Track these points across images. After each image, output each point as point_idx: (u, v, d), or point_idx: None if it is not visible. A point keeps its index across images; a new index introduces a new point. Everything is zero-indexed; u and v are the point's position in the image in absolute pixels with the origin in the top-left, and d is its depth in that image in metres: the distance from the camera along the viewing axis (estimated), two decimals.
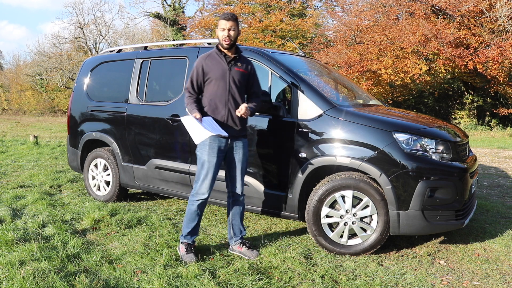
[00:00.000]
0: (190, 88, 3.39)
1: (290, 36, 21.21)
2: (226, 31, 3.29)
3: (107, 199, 5.17)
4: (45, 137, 13.75)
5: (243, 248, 3.49)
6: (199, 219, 3.46)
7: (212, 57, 3.39)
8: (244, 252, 3.47)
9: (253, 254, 3.44)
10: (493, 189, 6.21)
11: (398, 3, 16.29)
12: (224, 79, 3.35)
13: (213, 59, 3.39)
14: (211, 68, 3.35)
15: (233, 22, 3.31)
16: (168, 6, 29.98)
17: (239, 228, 3.56)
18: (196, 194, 3.39)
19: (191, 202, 3.43)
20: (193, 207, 3.41)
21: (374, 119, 3.54)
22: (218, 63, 3.37)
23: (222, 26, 3.31)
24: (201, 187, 3.36)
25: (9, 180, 6.48)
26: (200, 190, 3.37)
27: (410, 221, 3.35)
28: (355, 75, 16.19)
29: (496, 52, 13.83)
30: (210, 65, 3.36)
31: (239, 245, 3.52)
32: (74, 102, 5.56)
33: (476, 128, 16.74)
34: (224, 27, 3.30)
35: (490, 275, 3.20)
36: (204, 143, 3.33)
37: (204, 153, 3.34)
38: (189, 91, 3.40)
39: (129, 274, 3.03)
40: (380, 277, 3.11)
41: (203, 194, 3.36)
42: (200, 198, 3.38)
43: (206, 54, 3.44)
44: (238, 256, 3.46)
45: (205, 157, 3.34)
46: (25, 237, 3.72)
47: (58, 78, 33.86)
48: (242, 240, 3.55)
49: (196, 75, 3.38)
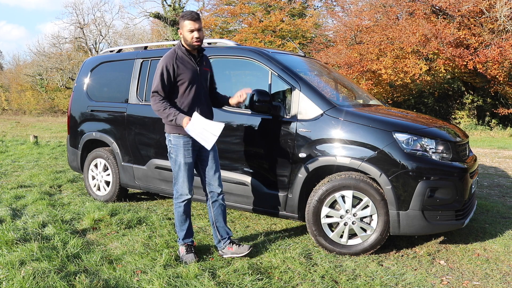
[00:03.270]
0: (161, 90, 3.22)
1: (290, 36, 21.21)
2: (195, 32, 3.22)
3: (107, 199, 5.17)
4: (45, 137, 13.75)
5: (233, 247, 3.41)
6: (189, 219, 3.45)
7: (181, 57, 3.27)
8: (236, 251, 3.39)
9: (245, 249, 3.38)
10: (493, 189, 6.21)
11: (398, 3, 16.29)
12: (195, 81, 3.30)
13: (182, 59, 3.27)
14: (182, 69, 3.24)
15: (200, 21, 3.25)
16: (168, 6, 29.97)
17: (225, 229, 3.47)
18: (180, 196, 3.37)
19: (177, 205, 3.40)
20: (180, 209, 3.39)
21: (374, 119, 3.54)
22: (188, 64, 3.28)
23: (191, 27, 3.21)
24: (183, 188, 3.34)
25: (9, 180, 6.48)
26: (183, 191, 3.35)
27: (410, 221, 3.35)
28: (355, 75, 16.19)
29: (496, 52, 13.83)
30: (181, 66, 3.24)
31: (228, 245, 3.43)
32: (74, 102, 5.56)
33: (476, 128, 16.73)
34: (192, 28, 3.21)
35: (490, 275, 3.20)
36: (179, 146, 3.30)
37: (180, 155, 3.31)
38: (159, 93, 3.22)
39: (129, 274, 3.03)
40: (380, 277, 3.11)
41: (186, 194, 3.36)
42: (184, 198, 3.36)
43: (172, 55, 3.27)
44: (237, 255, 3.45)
45: (181, 160, 3.31)
46: (25, 237, 3.72)
47: (58, 78, 33.86)
48: (230, 240, 3.46)
49: (167, 76, 3.22)
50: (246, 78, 4.77)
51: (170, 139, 3.36)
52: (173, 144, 3.34)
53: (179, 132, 3.29)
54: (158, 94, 3.24)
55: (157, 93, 3.23)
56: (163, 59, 3.27)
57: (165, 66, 3.23)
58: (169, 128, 3.35)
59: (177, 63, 3.24)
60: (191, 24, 3.22)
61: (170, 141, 3.36)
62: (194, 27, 3.22)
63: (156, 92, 3.23)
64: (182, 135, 3.29)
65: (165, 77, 3.22)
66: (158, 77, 3.23)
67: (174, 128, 3.30)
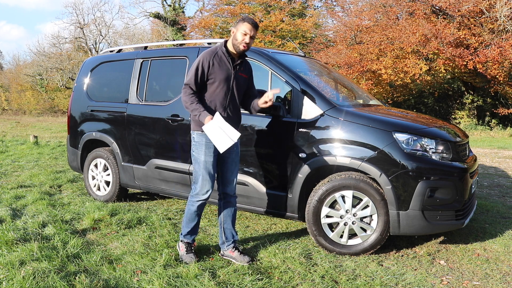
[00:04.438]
0: (193, 84, 3.22)
1: (290, 36, 21.21)
2: (248, 36, 3.20)
3: (107, 199, 5.17)
4: (45, 137, 13.75)
5: (235, 252, 3.38)
6: (198, 219, 3.43)
7: (219, 57, 3.26)
8: (236, 257, 3.35)
9: (244, 259, 3.31)
10: (493, 189, 6.21)
11: (398, 3, 16.29)
12: (227, 83, 3.27)
13: (220, 59, 3.25)
14: (217, 69, 3.23)
15: (256, 30, 3.24)
16: (168, 6, 29.98)
17: (231, 232, 3.45)
18: (197, 195, 3.33)
19: (191, 202, 3.37)
20: (193, 208, 3.36)
21: (374, 119, 3.54)
22: (224, 65, 3.26)
23: (246, 31, 3.19)
24: (202, 188, 3.30)
25: (9, 180, 6.48)
26: (201, 191, 3.31)
27: (410, 221, 3.35)
28: (355, 75, 16.19)
29: (496, 52, 13.84)
30: (217, 66, 3.23)
31: (231, 249, 3.40)
32: (74, 102, 5.56)
33: (476, 128, 16.74)
34: (248, 32, 3.19)
35: (490, 275, 3.20)
36: (201, 143, 3.28)
37: (201, 153, 3.29)
38: (191, 87, 3.22)
39: (129, 274, 3.03)
40: (380, 277, 3.11)
41: (203, 195, 3.31)
42: (200, 199, 3.33)
43: (212, 52, 3.27)
44: None
45: (202, 157, 3.28)
46: (25, 237, 3.72)
47: (58, 78, 33.86)
48: (234, 245, 3.44)
49: (202, 72, 3.22)
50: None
51: (193, 136, 3.34)
52: (196, 141, 3.32)
53: (202, 130, 3.24)
54: (189, 87, 3.23)
55: (188, 86, 3.23)
56: (202, 55, 3.27)
57: (201, 61, 3.22)
58: (194, 125, 3.33)
59: (214, 61, 3.23)
60: (249, 28, 3.20)
61: (194, 138, 3.34)
62: (249, 32, 3.20)
63: (188, 85, 3.23)
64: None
65: (199, 72, 3.22)
66: (193, 71, 3.23)
67: (197, 126, 3.28)
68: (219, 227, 3.51)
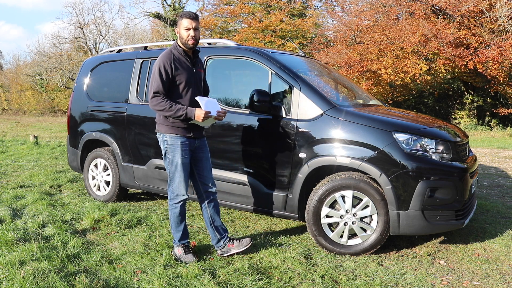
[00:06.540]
0: (163, 90, 3.18)
1: (290, 36, 21.21)
2: (192, 30, 3.21)
3: (107, 199, 5.17)
4: (45, 137, 13.75)
5: (234, 243, 3.41)
6: (185, 220, 3.43)
7: (177, 58, 3.25)
8: (237, 246, 3.39)
9: (246, 241, 3.39)
10: (493, 189, 6.21)
11: (398, 3, 16.29)
12: (191, 82, 3.29)
13: (179, 61, 3.25)
14: (180, 71, 3.22)
15: (197, 21, 3.23)
16: (168, 6, 29.97)
17: (222, 227, 3.47)
18: (177, 197, 3.33)
19: (172, 206, 3.36)
20: (176, 210, 3.35)
21: (374, 119, 3.54)
22: (184, 65, 3.27)
23: (187, 25, 3.20)
24: (179, 188, 3.32)
25: (9, 180, 6.48)
26: (179, 192, 3.32)
27: (410, 221, 3.35)
28: (355, 75, 16.19)
29: (496, 52, 13.84)
30: (179, 67, 3.22)
31: (229, 243, 3.42)
32: (74, 102, 5.56)
33: (476, 128, 16.73)
34: (189, 26, 3.20)
35: (490, 275, 3.20)
36: (175, 146, 3.28)
37: (177, 155, 3.28)
38: (161, 93, 3.18)
39: (129, 274, 3.03)
40: (380, 277, 3.11)
41: (183, 195, 3.33)
42: (181, 199, 3.33)
43: (169, 55, 3.24)
44: (237, 255, 3.45)
45: (179, 160, 3.28)
46: (25, 237, 3.72)
47: (58, 78, 33.85)
48: (229, 237, 3.47)
49: (166, 75, 3.18)
50: (246, 78, 4.77)
51: (166, 140, 3.32)
52: (170, 144, 3.30)
53: (176, 132, 3.27)
54: (159, 93, 3.19)
55: (158, 93, 3.19)
56: (160, 59, 3.23)
57: (162, 65, 3.19)
58: (165, 128, 3.30)
59: (175, 63, 3.22)
60: (188, 22, 3.21)
61: (166, 141, 3.32)
62: (191, 26, 3.20)
63: (157, 92, 3.19)
64: (180, 135, 3.28)
65: (164, 77, 3.18)
66: (157, 77, 3.19)
67: (170, 128, 3.28)
68: (208, 228, 3.49)
